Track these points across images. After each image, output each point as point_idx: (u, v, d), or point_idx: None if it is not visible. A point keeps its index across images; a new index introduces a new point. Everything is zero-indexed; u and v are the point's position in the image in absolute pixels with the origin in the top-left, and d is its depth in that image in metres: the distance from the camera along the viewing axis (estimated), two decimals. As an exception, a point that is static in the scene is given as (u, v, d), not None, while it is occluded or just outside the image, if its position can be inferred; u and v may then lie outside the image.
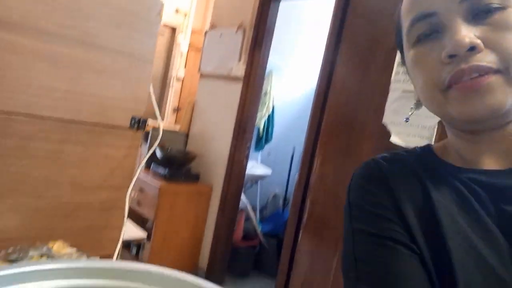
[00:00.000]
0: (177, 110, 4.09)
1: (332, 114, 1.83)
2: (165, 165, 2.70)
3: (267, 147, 3.46)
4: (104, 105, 0.91)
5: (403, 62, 0.55)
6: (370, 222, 0.48)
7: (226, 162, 2.73)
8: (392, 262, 0.44)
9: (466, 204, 0.45)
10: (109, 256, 0.99)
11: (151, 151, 1.02)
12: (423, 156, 0.53)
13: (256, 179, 3.33)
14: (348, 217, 0.51)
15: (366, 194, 0.51)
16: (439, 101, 0.46)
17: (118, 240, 1.00)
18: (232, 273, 3.05)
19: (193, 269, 2.88)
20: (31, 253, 0.77)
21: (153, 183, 2.60)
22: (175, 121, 3.93)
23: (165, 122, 3.88)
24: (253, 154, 3.25)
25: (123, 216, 1.00)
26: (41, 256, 0.77)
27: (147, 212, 2.67)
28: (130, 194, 1.00)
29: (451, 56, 0.43)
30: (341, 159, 1.74)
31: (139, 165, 1.02)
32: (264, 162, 3.48)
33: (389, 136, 1.42)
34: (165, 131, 3.09)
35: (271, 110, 3.40)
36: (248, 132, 2.77)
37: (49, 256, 0.78)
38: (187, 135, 3.21)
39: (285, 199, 3.63)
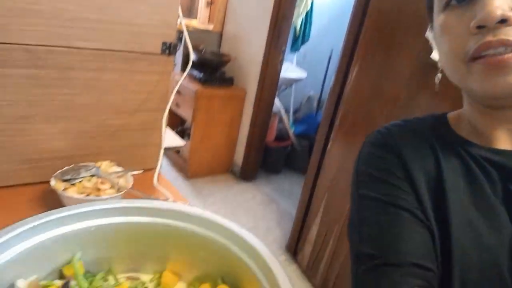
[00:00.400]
0: (210, 3, 3.92)
1: (373, 20, 1.71)
2: (200, 69, 2.72)
3: (303, 48, 3.33)
4: (135, 32, 0.91)
5: (431, 27, 0.51)
6: (376, 188, 0.49)
7: (260, 66, 2.70)
8: (394, 226, 0.45)
9: (474, 182, 0.46)
10: (151, 170, 1.10)
11: (186, 73, 1.04)
12: (437, 126, 0.52)
13: (291, 82, 3.30)
14: (355, 183, 0.53)
15: (375, 161, 0.51)
16: (461, 73, 0.44)
17: (158, 155, 1.09)
18: (265, 170, 3.27)
19: (229, 166, 3.11)
20: (82, 174, 0.87)
21: (190, 86, 2.66)
22: (208, 18, 3.80)
23: (198, 19, 3.76)
24: (288, 55, 3.16)
25: (161, 136, 1.08)
26: (91, 176, 0.88)
27: (185, 113, 2.79)
28: (167, 114, 1.07)
29: (480, 27, 0.41)
30: (378, 72, 1.68)
31: (174, 87, 1.05)
32: (299, 64, 3.40)
33: (431, 53, 1.34)
34: (198, 31, 3.03)
35: (309, 7, 3.18)
36: (283, 33, 2.66)
37: (98, 176, 0.88)
38: (220, 35, 3.13)
39: (319, 101, 3.63)
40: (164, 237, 0.59)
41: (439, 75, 0.52)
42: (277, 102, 3.04)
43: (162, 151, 1.02)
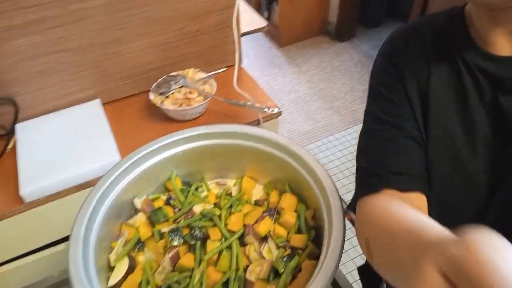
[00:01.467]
0: None
1: None
2: None
3: None
4: None
5: None
6: (380, 105, 0.50)
7: None
8: (383, 143, 0.48)
9: (462, 93, 0.44)
10: (232, 66, 1.16)
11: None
12: (449, 25, 0.48)
13: None
14: (367, 99, 0.54)
15: (381, 76, 0.51)
16: None
17: (236, 51, 1.14)
18: (363, 24, 3.02)
19: (323, 26, 2.95)
20: (173, 86, 0.98)
21: None
22: None
23: None
24: None
25: (236, 32, 1.10)
26: (181, 87, 0.99)
27: (269, -25, 2.62)
28: (237, 12, 1.07)
29: None
30: None
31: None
32: None
33: None
34: None
35: None
36: None
37: (186, 86, 0.99)
38: None
39: None
40: (241, 154, 0.70)
41: None
42: None
43: (237, 53, 1.06)
